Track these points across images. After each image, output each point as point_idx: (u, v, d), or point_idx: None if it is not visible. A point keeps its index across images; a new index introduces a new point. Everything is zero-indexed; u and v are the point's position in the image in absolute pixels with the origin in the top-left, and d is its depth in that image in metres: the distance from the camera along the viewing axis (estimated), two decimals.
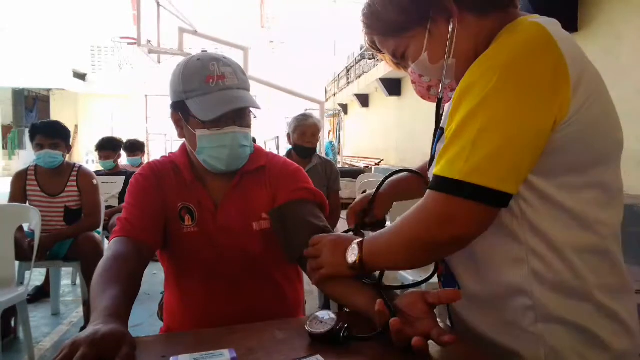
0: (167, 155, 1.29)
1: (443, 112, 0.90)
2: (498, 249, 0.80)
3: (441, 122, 0.89)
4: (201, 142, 1.13)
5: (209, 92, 1.09)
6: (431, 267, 0.95)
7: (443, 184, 0.73)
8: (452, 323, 0.95)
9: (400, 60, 0.91)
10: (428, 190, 0.77)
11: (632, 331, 0.78)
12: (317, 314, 0.87)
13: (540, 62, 0.70)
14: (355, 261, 0.88)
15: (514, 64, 0.71)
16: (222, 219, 1.19)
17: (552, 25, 0.75)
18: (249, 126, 1.18)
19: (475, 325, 0.87)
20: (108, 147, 4.22)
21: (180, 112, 1.15)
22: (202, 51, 1.25)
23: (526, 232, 0.77)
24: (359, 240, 0.90)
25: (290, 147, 3.12)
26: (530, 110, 0.70)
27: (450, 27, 0.81)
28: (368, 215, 1.15)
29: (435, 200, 0.75)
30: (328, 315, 0.85)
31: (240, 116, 1.14)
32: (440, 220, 0.74)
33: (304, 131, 3.00)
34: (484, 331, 0.85)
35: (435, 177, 0.75)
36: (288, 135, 3.11)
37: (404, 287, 0.95)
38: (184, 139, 1.21)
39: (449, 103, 0.89)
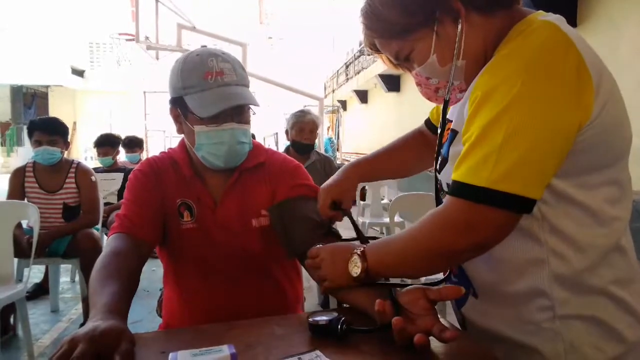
0: (166, 151, 1.28)
1: (448, 113, 0.88)
2: (517, 251, 0.79)
3: (452, 124, 0.86)
4: (199, 138, 1.13)
5: (207, 88, 1.08)
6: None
7: (465, 191, 0.71)
8: (464, 319, 0.93)
9: (403, 62, 0.88)
10: (448, 197, 0.75)
11: None
12: (318, 312, 0.87)
13: (564, 64, 0.69)
14: (360, 273, 0.86)
15: (537, 67, 0.69)
16: (221, 215, 1.19)
17: (562, 23, 0.74)
18: (247, 123, 1.17)
19: (489, 323, 0.86)
20: (106, 143, 4.22)
21: (179, 108, 1.15)
22: (202, 47, 1.24)
23: (546, 232, 0.77)
24: (361, 249, 0.87)
25: (288, 143, 3.11)
26: (558, 114, 0.69)
27: (459, 27, 0.79)
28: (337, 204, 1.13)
29: (456, 206, 0.73)
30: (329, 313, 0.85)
31: (238, 113, 1.13)
32: (463, 227, 0.72)
33: (302, 127, 3.00)
34: (499, 328, 0.84)
35: (457, 183, 0.73)
36: (286, 131, 3.10)
37: (406, 285, 0.95)
38: (183, 135, 1.21)
39: (457, 103, 0.87)
